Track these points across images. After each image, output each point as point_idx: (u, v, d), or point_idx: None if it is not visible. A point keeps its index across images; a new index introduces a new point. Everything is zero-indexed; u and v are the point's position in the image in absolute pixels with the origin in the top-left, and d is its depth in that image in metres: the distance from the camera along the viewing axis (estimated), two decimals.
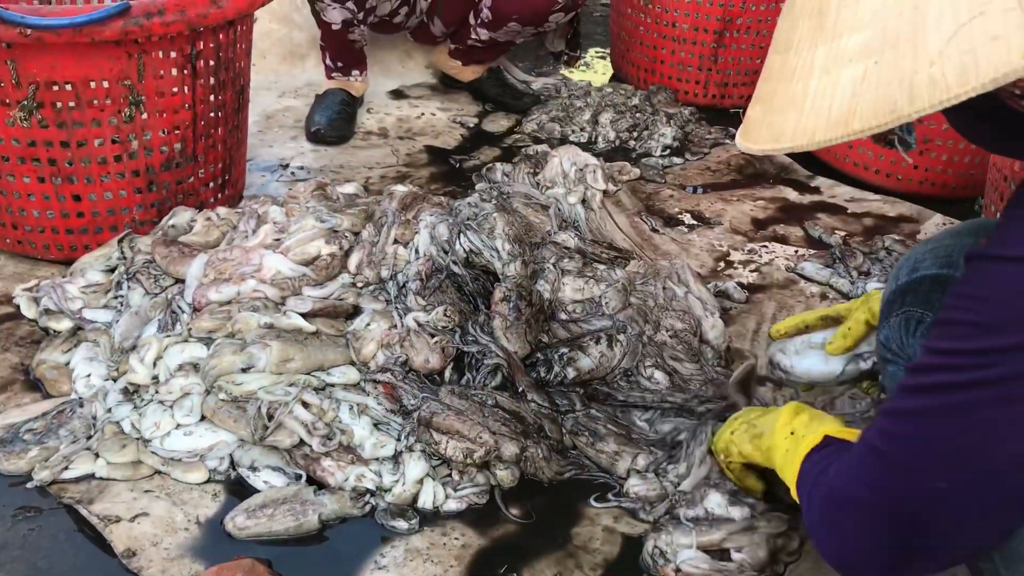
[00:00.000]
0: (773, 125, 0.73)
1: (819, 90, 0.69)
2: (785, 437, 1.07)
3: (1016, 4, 0.60)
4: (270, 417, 1.30)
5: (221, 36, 1.72)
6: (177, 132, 1.73)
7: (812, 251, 1.98)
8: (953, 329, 0.76)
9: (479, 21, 2.48)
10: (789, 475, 1.03)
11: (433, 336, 1.40)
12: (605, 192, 2.01)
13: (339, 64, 2.44)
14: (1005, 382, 0.72)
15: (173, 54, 1.65)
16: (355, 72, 2.47)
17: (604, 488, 1.33)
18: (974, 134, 0.89)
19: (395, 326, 1.43)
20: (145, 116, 1.67)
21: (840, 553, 0.86)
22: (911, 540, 0.80)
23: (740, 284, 1.83)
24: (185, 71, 1.68)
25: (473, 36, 2.53)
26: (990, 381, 0.72)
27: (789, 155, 2.44)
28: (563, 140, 2.46)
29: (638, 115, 2.53)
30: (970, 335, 0.74)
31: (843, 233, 2.05)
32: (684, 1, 2.61)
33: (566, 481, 1.34)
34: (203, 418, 1.34)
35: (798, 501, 1.00)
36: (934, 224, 2.11)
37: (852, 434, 1.04)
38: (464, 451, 1.26)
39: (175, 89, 1.68)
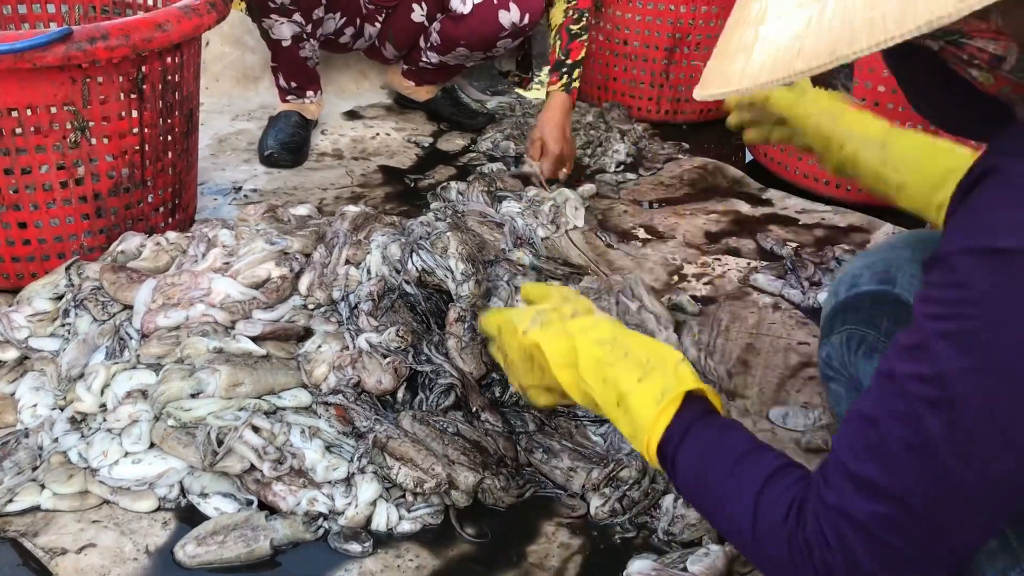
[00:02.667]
0: (723, 72, 0.72)
1: (769, 35, 0.69)
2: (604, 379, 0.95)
3: None
4: (220, 442, 1.28)
5: (168, 60, 1.71)
6: (125, 157, 1.71)
7: (764, 263, 2.01)
8: (940, 334, 0.71)
9: (429, 45, 2.50)
10: (636, 428, 0.93)
11: (385, 357, 1.40)
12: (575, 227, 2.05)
13: (293, 85, 2.43)
14: (1008, 383, 0.68)
15: (119, 79, 1.64)
16: (309, 93, 2.47)
17: (559, 505, 1.33)
18: (931, 110, 0.87)
19: (347, 347, 1.42)
20: (92, 142, 1.65)
21: None
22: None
23: (694, 297, 1.85)
24: (132, 96, 1.67)
25: (424, 59, 2.54)
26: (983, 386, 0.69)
27: (741, 168, 2.48)
28: (518, 158, 2.47)
29: (592, 132, 2.55)
30: (962, 335, 0.70)
31: (795, 244, 2.08)
32: (635, 19, 2.64)
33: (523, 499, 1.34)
34: (152, 445, 1.32)
35: (656, 463, 0.92)
36: (884, 233, 2.14)
37: (708, 391, 0.94)
38: (415, 480, 1.25)
39: (122, 114, 1.67)
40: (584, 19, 2.32)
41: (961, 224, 0.71)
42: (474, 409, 1.39)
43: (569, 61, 2.31)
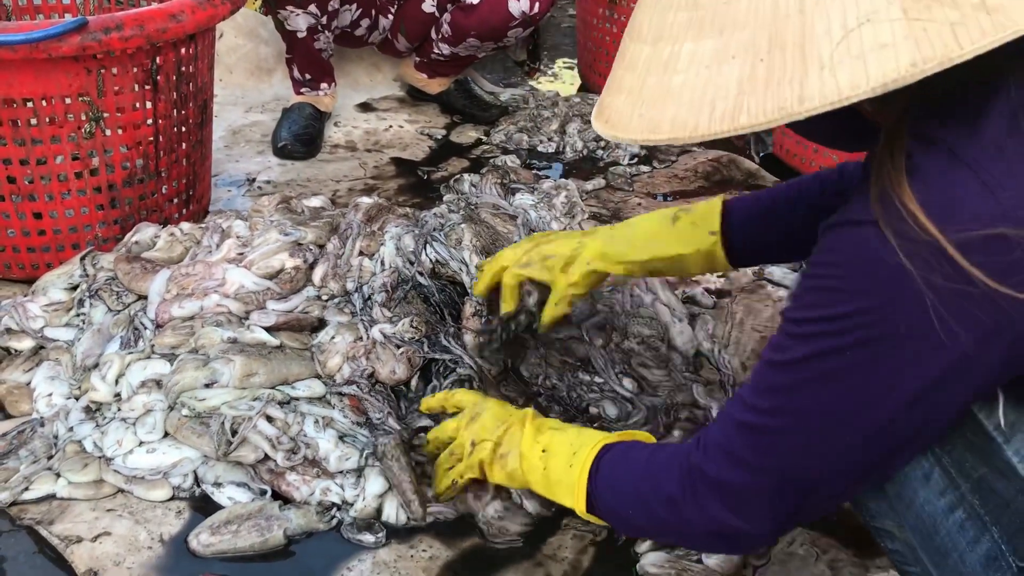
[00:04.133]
0: (646, 117, 0.74)
1: (698, 84, 0.71)
2: (539, 457, 1.11)
3: (901, 15, 0.64)
4: (234, 432, 1.29)
5: (182, 50, 1.71)
6: (139, 148, 1.71)
7: None
8: (815, 296, 0.78)
9: (440, 36, 2.49)
10: (565, 493, 1.07)
11: (399, 347, 1.40)
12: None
13: (307, 77, 2.44)
14: (874, 342, 0.75)
15: (133, 69, 1.64)
16: (323, 85, 2.47)
17: None
18: (813, 131, 0.93)
19: (360, 338, 1.42)
20: (107, 132, 1.66)
21: (727, 535, 0.90)
22: (799, 504, 0.86)
23: (707, 290, 1.84)
24: (146, 86, 1.67)
25: (436, 50, 2.54)
26: (860, 343, 0.75)
27: (756, 161, 2.46)
28: (531, 150, 2.47)
29: None
30: (833, 301, 0.76)
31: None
32: None
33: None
34: (166, 435, 1.32)
35: (594, 516, 1.06)
36: None
37: (629, 435, 1.10)
38: (401, 503, 1.25)
39: (136, 104, 1.67)
40: None
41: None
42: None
43: None
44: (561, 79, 3.04)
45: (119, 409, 1.35)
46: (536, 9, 2.33)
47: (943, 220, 0.69)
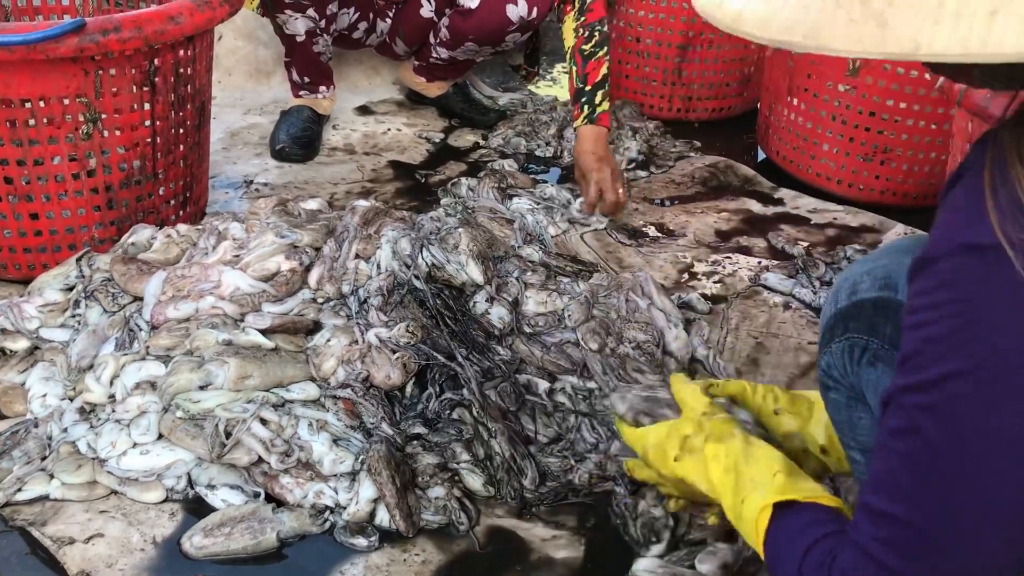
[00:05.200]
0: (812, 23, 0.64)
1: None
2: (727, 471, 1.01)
3: None
4: (228, 434, 1.29)
5: (180, 52, 1.71)
6: (137, 149, 1.71)
7: (775, 262, 2.00)
8: (934, 348, 0.70)
9: (438, 40, 2.49)
10: (746, 528, 0.96)
11: (395, 352, 1.40)
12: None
13: (306, 79, 2.44)
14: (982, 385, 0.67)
15: (131, 71, 1.64)
16: (322, 88, 2.47)
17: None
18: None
19: (356, 342, 1.42)
20: (104, 133, 1.66)
21: None
22: None
23: (704, 295, 1.84)
24: (144, 88, 1.67)
25: (434, 55, 2.54)
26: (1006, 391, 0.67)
27: (753, 167, 2.47)
28: (529, 155, 2.47)
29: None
30: (960, 344, 0.68)
31: (806, 244, 2.07)
32: (648, 17, 2.63)
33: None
34: (160, 436, 1.32)
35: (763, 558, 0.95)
36: (895, 234, 2.13)
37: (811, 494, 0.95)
38: (387, 516, 1.25)
39: (134, 106, 1.67)
40: (596, 34, 2.17)
41: (940, 225, 0.71)
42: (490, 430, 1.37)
43: (588, 88, 2.14)
44: (560, 84, 3.04)
45: (113, 410, 1.35)
46: (534, 14, 2.33)
47: None
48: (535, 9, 2.32)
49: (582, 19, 2.19)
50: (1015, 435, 0.67)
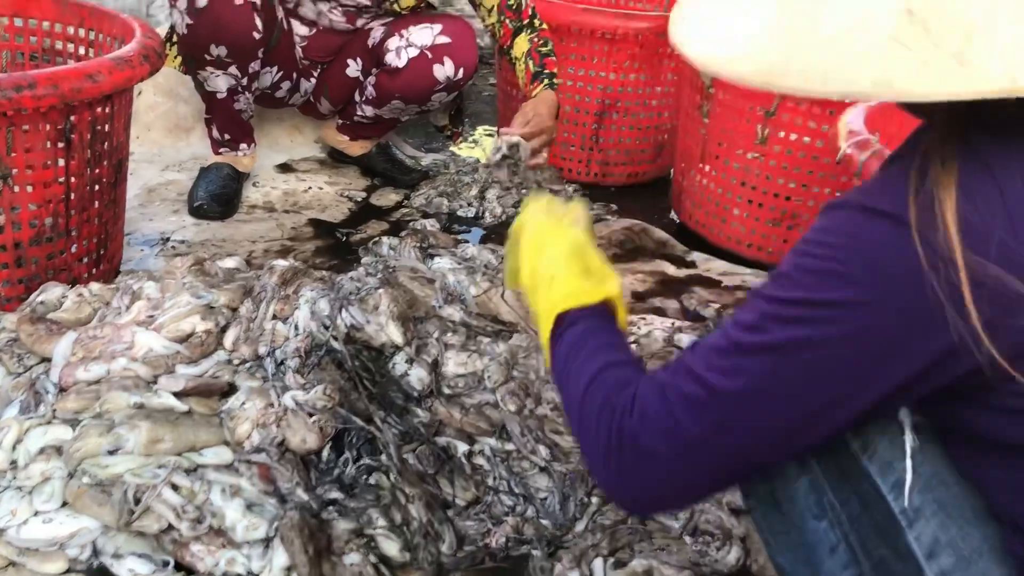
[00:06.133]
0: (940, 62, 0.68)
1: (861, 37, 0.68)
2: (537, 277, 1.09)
3: None
4: (137, 501, 1.25)
5: (98, 110, 1.70)
6: (49, 206, 1.68)
7: (688, 323, 2.05)
8: (810, 279, 0.76)
9: (364, 98, 2.52)
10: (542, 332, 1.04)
11: (311, 415, 1.39)
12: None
13: (226, 137, 2.43)
14: (862, 338, 0.74)
15: (46, 127, 1.61)
16: (243, 146, 2.46)
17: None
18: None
19: (272, 405, 1.41)
20: (15, 189, 1.62)
21: (643, 484, 0.86)
22: (718, 475, 0.85)
23: None
24: (59, 145, 1.65)
25: (359, 113, 2.56)
26: (847, 336, 0.74)
27: (668, 231, 2.54)
28: (451, 215, 2.50)
29: (524, 192, 2.59)
30: (829, 286, 0.74)
31: (717, 305, 2.13)
32: (566, 84, 2.71)
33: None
34: (64, 504, 1.28)
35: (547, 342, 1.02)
36: None
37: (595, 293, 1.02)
38: None
39: (48, 163, 1.65)
40: (550, 44, 2.42)
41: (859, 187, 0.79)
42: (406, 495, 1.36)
43: (547, 71, 2.39)
44: (482, 146, 3.10)
45: (14, 477, 1.30)
46: (460, 74, 2.38)
47: (970, 246, 0.68)
48: (461, 69, 2.37)
49: (534, 34, 2.43)
50: (827, 377, 0.76)
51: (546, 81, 2.38)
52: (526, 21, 2.46)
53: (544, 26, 2.47)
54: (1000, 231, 0.69)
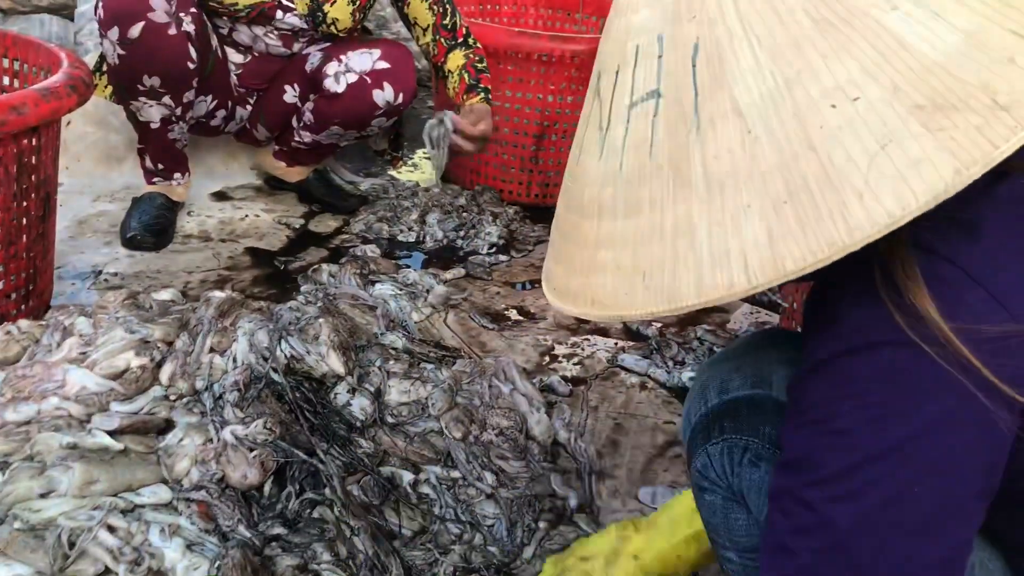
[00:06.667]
0: (658, 287, 0.71)
1: (715, 243, 0.68)
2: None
3: (923, 130, 0.63)
4: (72, 545, 1.21)
5: (24, 142, 1.65)
6: None
7: (631, 343, 2.07)
8: (843, 447, 0.74)
9: (302, 124, 2.50)
10: None
11: (252, 450, 1.36)
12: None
13: (160, 166, 2.38)
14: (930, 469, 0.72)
15: None
16: (177, 175, 2.42)
17: None
18: None
19: (211, 440, 1.38)
20: None
21: None
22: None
23: (564, 377, 1.88)
24: None
25: (297, 139, 2.54)
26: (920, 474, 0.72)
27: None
28: (391, 240, 2.49)
29: (464, 215, 2.59)
30: (868, 435, 0.72)
31: (659, 324, 2.15)
32: (504, 107, 2.72)
33: None
34: None
35: None
36: (742, 314, 2.24)
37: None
38: None
39: None
40: (485, 62, 2.51)
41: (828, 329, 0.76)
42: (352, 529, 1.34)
43: (482, 85, 2.47)
44: (421, 170, 3.09)
45: None
46: (400, 99, 2.37)
47: (963, 334, 0.69)
48: (401, 94, 2.37)
49: (469, 51, 2.51)
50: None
51: (482, 94, 2.46)
52: (460, 40, 2.51)
53: (478, 45, 2.54)
54: (982, 301, 0.70)
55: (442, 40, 2.49)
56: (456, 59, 2.50)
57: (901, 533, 0.73)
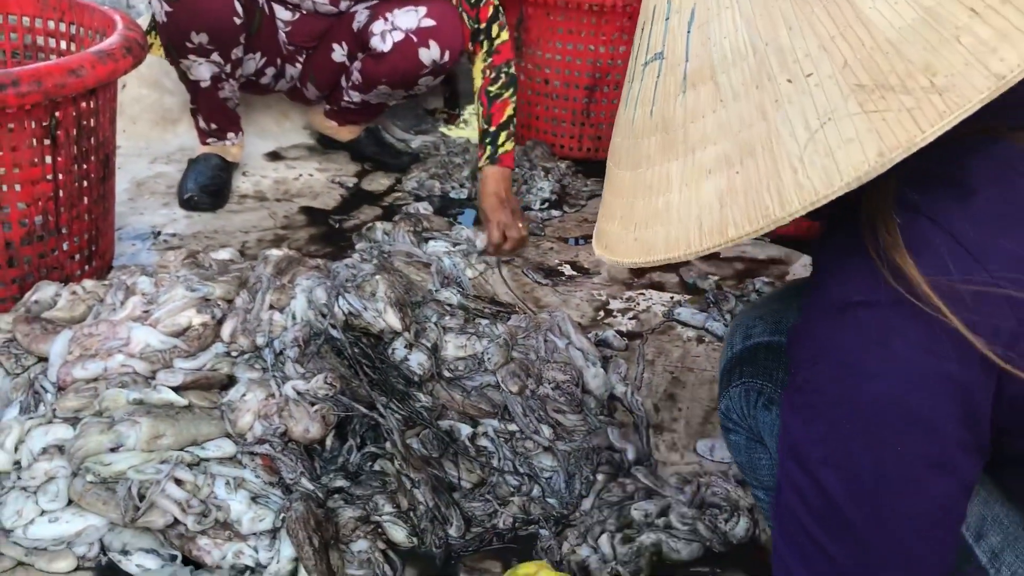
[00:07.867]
0: (640, 239, 0.76)
1: (683, 202, 0.72)
2: None
3: (858, 108, 0.64)
4: (142, 497, 1.25)
5: (83, 105, 1.68)
6: (38, 204, 1.66)
7: (687, 296, 2.05)
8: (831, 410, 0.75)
9: (350, 84, 2.49)
10: None
11: (313, 404, 1.38)
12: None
13: (213, 127, 2.40)
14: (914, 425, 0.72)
15: (31, 125, 1.60)
16: (230, 135, 2.44)
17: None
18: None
19: (272, 395, 1.40)
20: (3, 188, 1.61)
21: None
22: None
23: (620, 332, 1.87)
24: (45, 142, 1.63)
25: (346, 98, 2.54)
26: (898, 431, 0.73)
27: None
28: (443, 197, 2.48)
29: (516, 170, 2.57)
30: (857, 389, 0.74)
31: (716, 278, 2.12)
32: (555, 59, 2.69)
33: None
34: (70, 502, 1.28)
35: None
36: (801, 265, 2.20)
37: None
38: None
39: (35, 160, 1.63)
40: (503, 76, 2.25)
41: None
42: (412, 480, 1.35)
43: (492, 128, 2.23)
44: (472, 126, 3.07)
45: (19, 478, 1.29)
46: (446, 57, 2.35)
47: (939, 289, 0.70)
48: (447, 52, 2.34)
49: (489, 61, 2.25)
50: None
51: (488, 152, 2.22)
52: (483, 26, 2.27)
53: (503, 36, 2.27)
54: (961, 258, 0.70)
55: (466, 18, 2.29)
56: (476, 76, 2.28)
57: (889, 493, 0.74)
